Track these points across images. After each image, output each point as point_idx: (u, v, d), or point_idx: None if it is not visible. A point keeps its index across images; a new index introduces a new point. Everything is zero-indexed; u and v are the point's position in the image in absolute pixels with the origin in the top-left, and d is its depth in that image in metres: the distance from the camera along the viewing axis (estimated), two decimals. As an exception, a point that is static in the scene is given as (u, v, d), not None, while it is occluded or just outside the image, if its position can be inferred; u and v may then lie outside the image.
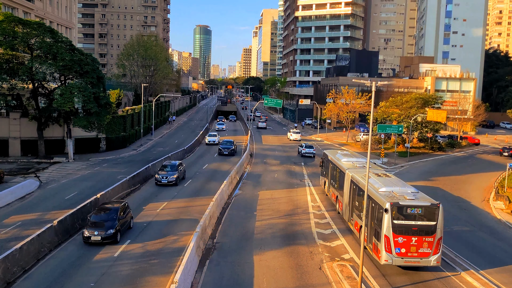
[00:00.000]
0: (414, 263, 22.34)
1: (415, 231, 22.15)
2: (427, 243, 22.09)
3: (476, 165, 59.23)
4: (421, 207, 22.56)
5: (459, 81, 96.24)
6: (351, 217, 28.69)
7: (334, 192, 34.59)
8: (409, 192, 24.06)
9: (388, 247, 22.13)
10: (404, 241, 22.07)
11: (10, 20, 45.56)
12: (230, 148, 58.04)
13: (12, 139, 51.11)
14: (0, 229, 26.73)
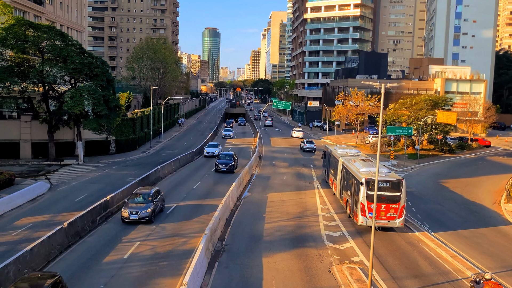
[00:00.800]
0: (383, 224, 29.12)
1: (384, 199, 28.67)
2: (393, 209, 28.83)
3: (487, 167, 58.72)
4: (389, 181, 29.07)
5: (469, 83, 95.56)
6: (341, 195, 35.20)
7: (331, 177, 40.38)
8: (382, 172, 29.82)
9: (363, 212, 28.86)
10: (378, 206, 28.07)
11: (21, 24, 46.04)
12: (229, 163, 47.77)
13: (23, 141, 51.57)
14: (11, 231, 26.96)
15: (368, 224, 28.75)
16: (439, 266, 24.14)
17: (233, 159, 48.98)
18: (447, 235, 29.66)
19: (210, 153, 58.42)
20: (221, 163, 47.72)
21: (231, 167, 47.67)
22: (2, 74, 45.21)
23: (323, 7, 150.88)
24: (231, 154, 50.23)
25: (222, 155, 49.85)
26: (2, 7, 45.17)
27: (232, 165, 47.93)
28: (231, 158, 48.89)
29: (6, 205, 31.46)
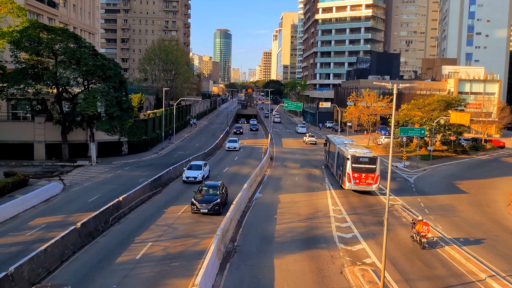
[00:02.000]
0: (363, 188, 39.54)
1: (364, 170, 39.24)
2: (370, 177, 39.17)
3: (501, 168, 58.01)
4: (368, 157, 39.62)
5: (483, 83, 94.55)
6: (336, 172, 45.63)
7: (330, 160, 50.75)
8: (364, 151, 40.68)
9: (349, 179, 39.50)
10: (358, 175, 39.24)
11: (35, 27, 46.61)
12: (212, 200, 31.77)
13: (37, 143, 52.17)
14: (26, 231, 27.28)
15: (352, 189, 39.90)
16: (453, 268, 23.90)
17: (219, 193, 32.77)
18: (460, 237, 29.33)
19: (190, 178, 42.38)
20: (201, 201, 31.63)
21: (216, 207, 31.43)
22: (16, 76, 45.83)
23: (334, 8, 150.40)
24: (217, 186, 33.70)
25: (205, 187, 33.52)
26: (16, 10, 45.71)
27: (217, 204, 31.48)
28: (215, 191, 32.90)
29: (21, 206, 31.85)
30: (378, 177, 39.28)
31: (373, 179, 39.13)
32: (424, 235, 26.56)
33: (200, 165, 44.99)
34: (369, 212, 34.45)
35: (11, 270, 18.36)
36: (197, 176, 42.82)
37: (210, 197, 32.29)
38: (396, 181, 47.25)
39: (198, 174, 43.07)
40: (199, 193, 32.87)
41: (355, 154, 39.52)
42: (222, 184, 35.13)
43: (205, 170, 44.87)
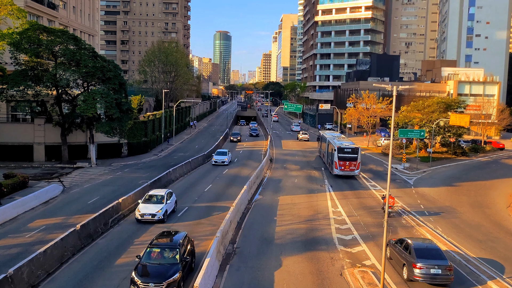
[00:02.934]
0: (347, 173, 47.89)
1: (348, 158, 47.61)
2: (353, 164, 47.67)
3: (500, 170, 58.01)
4: (351, 148, 48.26)
5: (483, 85, 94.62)
6: (327, 161, 53.94)
7: (322, 151, 60.22)
8: (348, 143, 50.00)
9: (336, 166, 47.91)
10: (343, 163, 47.62)
11: (35, 28, 46.65)
12: (166, 274, 19.30)
13: (37, 144, 52.16)
14: (25, 233, 27.25)
15: (339, 174, 48.18)
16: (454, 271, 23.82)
17: (179, 259, 20.31)
18: (460, 239, 29.34)
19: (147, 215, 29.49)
20: (145, 277, 19.17)
21: None
22: (16, 78, 45.85)
23: (334, 10, 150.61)
24: (176, 245, 21.02)
25: (155, 248, 20.89)
26: (16, 12, 45.77)
27: (174, 283, 19.19)
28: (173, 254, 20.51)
29: (20, 208, 31.84)
30: (359, 164, 48.49)
31: (355, 166, 48.04)
32: (390, 206, 33.34)
33: (159, 196, 30.75)
34: (369, 214, 34.43)
35: (11, 272, 18.34)
36: (155, 212, 29.19)
37: (162, 269, 19.57)
38: (396, 183, 47.24)
39: (157, 210, 29.29)
40: (145, 258, 20.24)
41: (341, 146, 48.41)
42: (186, 239, 22.24)
43: (168, 203, 30.77)
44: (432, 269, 21.06)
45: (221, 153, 56.57)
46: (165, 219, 30.19)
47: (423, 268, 21.11)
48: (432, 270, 21.06)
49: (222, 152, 56.85)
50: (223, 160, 54.65)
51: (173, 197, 32.88)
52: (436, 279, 21.18)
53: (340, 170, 47.67)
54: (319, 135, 65.81)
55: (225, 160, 54.75)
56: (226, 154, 55.84)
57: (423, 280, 21.24)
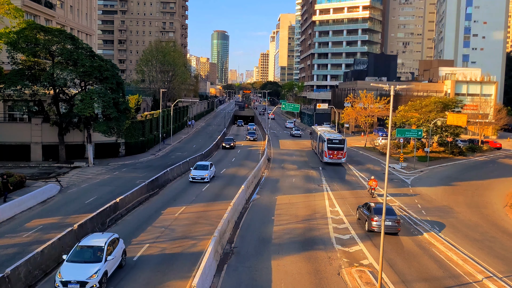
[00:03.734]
0: (335, 161, 55.90)
1: (335, 148, 55.67)
2: (340, 153, 55.71)
3: (498, 170, 58.16)
4: (338, 139, 56.31)
5: (480, 85, 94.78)
6: (318, 151, 62.33)
7: (314, 143, 69.20)
8: (336, 135, 58.16)
9: (326, 155, 55.98)
10: (331, 152, 55.66)
11: (32, 28, 46.52)
12: None
13: (34, 144, 52.04)
14: (22, 233, 27.19)
15: (328, 161, 56.37)
16: (450, 270, 23.94)
17: None
18: (457, 238, 29.41)
19: None
20: None
21: None
22: (13, 77, 45.73)
23: (331, 9, 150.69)
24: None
25: None
26: (13, 11, 45.65)
27: None
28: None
29: (17, 207, 31.76)
30: (345, 153, 56.77)
31: (342, 155, 56.32)
32: (373, 187, 39.99)
33: (95, 251, 20.50)
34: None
35: (8, 272, 18.30)
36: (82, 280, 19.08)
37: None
38: (393, 183, 47.31)
39: (89, 276, 19.21)
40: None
41: (330, 138, 56.49)
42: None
43: (110, 261, 20.51)
44: (385, 221, 24.01)
45: (201, 166, 45.78)
46: None
47: (378, 221, 28.33)
48: (385, 222, 23.75)
49: (202, 165, 46.03)
50: (203, 176, 43.84)
51: (120, 245, 22.09)
52: (388, 229, 27.89)
53: (329, 158, 56.35)
54: (311, 130, 76.40)
55: (205, 176, 43.91)
56: (207, 169, 45.16)
57: (378, 230, 28.14)
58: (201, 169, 44.95)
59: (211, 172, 45.71)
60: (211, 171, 45.54)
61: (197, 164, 46.46)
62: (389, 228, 28.20)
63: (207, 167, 45.40)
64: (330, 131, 65.04)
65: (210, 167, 45.83)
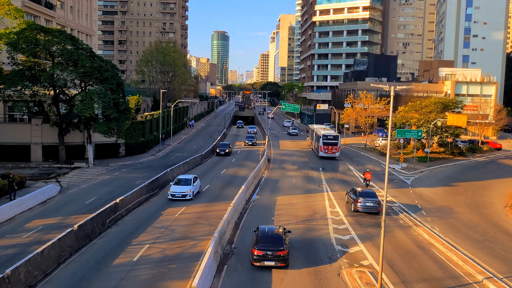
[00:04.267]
0: (330, 155, 61.02)
1: (330, 143, 60.66)
2: (334, 148, 60.80)
3: (498, 170, 58.15)
4: (332, 135, 61.29)
5: (480, 85, 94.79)
6: (314, 147, 67.67)
7: (310, 140, 74.23)
8: (330, 132, 63.61)
9: (321, 150, 61.12)
10: (326, 147, 60.73)
11: (33, 28, 46.55)
12: None
13: (34, 144, 52.05)
14: (22, 233, 27.19)
15: (323, 155, 61.51)
16: (450, 270, 23.92)
17: None
18: (457, 239, 29.40)
19: None
20: None
21: None
22: (13, 77, 45.76)
23: (332, 10, 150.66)
24: None
25: None
26: (14, 12, 45.67)
27: None
28: None
29: (17, 208, 31.78)
30: (339, 148, 62.09)
31: (336, 149, 61.58)
32: (368, 179, 44.43)
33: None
34: (366, 214, 34.45)
35: (8, 273, 18.30)
36: None
37: None
38: (394, 183, 47.31)
39: None
40: None
41: (325, 134, 61.87)
42: None
43: None
44: (367, 203, 33.88)
45: (183, 181, 38.05)
46: None
47: (362, 202, 34.02)
48: (367, 203, 33.95)
49: (184, 180, 38.24)
50: (184, 193, 36.42)
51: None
52: (370, 209, 34.00)
53: (325, 153, 61.45)
54: (307, 128, 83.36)
55: (187, 192, 36.45)
56: (189, 183, 37.49)
57: (362, 210, 34.18)
58: (182, 184, 37.38)
59: (195, 188, 38.24)
60: (194, 186, 37.95)
61: (178, 178, 38.95)
62: (370, 209, 34.16)
63: (189, 182, 37.70)
64: (325, 128, 70.55)
65: (194, 181, 38.35)
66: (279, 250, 22.47)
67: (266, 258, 22.37)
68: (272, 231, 23.95)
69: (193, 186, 37.75)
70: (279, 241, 22.93)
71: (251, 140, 78.54)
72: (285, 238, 23.45)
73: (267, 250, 22.32)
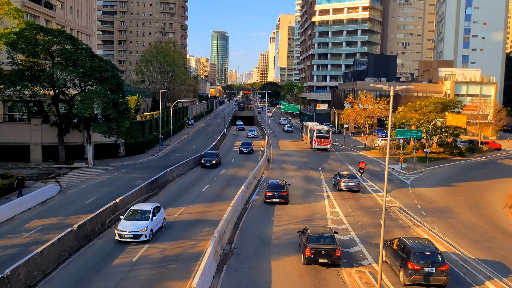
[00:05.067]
0: (322, 147, 70.00)
1: (322, 137, 69.89)
2: (326, 141, 69.95)
3: (497, 170, 58.15)
4: (325, 130, 71.47)
5: (480, 85, 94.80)
6: (307, 140, 75.80)
7: (305, 135, 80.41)
8: (323, 127, 73.86)
9: (315, 142, 70.30)
10: (319, 140, 69.83)
11: (32, 28, 46.50)
12: None
13: (34, 144, 52.01)
14: (22, 233, 27.17)
15: (316, 147, 70.09)
16: (452, 273, 23.87)
17: None
18: (457, 239, 29.40)
19: None
20: None
21: None
22: (13, 78, 45.72)
23: (331, 10, 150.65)
24: None
25: None
26: (13, 12, 45.63)
27: None
28: None
29: (17, 208, 31.76)
30: (330, 141, 71.03)
31: (328, 142, 70.03)
32: (362, 168, 49.71)
33: None
34: (366, 214, 34.47)
35: (7, 273, 18.29)
36: None
37: None
38: (393, 183, 47.31)
39: None
40: None
41: (318, 129, 71.60)
42: None
43: None
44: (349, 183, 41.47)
45: (137, 214, 27.17)
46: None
47: (345, 182, 41.55)
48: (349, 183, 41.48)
49: (140, 211, 27.43)
50: (137, 233, 25.75)
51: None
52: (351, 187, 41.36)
53: (318, 145, 70.01)
54: (302, 125, 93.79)
55: (142, 232, 25.81)
56: (146, 218, 26.76)
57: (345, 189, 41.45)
58: (137, 219, 26.56)
59: (155, 223, 27.23)
60: (154, 221, 26.96)
61: (132, 209, 27.92)
62: (351, 187, 41.20)
63: (147, 215, 26.79)
64: (319, 125, 78.43)
65: (155, 213, 27.44)
66: (282, 192, 36.03)
67: (274, 196, 35.95)
68: (278, 182, 37.48)
69: (152, 222, 26.67)
70: (282, 188, 36.47)
71: (247, 147, 66.31)
72: (286, 186, 36.99)
73: (274, 192, 35.92)
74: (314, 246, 22.92)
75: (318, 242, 23.25)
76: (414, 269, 20.85)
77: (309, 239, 23.51)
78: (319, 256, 22.76)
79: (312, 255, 22.90)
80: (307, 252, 22.91)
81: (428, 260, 20.99)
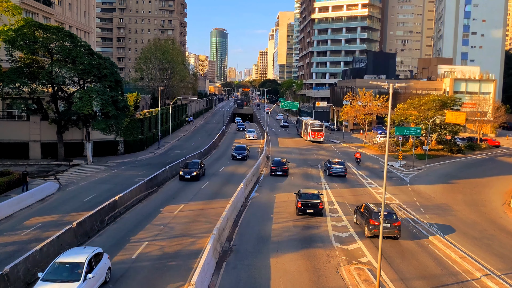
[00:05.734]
0: (315, 139, 77.71)
1: (316, 130, 77.94)
2: (320, 134, 77.95)
3: (496, 168, 58.23)
4: (318, 124, 79.45)
5: (479, 83, 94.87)
6: (303, 134, 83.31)
7: (300, 129, 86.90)
8: (317, 121, 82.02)
9: (309, 135, 78.17)
10: (313, 133, 77.79)
11: (31, 25, 46.40)
12: None
13: (33, 142, 51.97)
14: (21, 231, 27.18)
15: (310, 140, 77.35)
16: (448, 267, 23.99)
17: None
18: (456, 236, 29.47)
19: None
20: None
21: None
22: (12, 75, 45.64)
23: (330, 7, 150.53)
24: None
25: None
26: (12, 9, 45.51)
27: None
28: None
29: (16, 205, 31.75)
30: (323, 134, 77.93)
31: (321, 135, 77.44)
32: (358, 158, 56.32)
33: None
34: (365, 211, 34.47)
35: (7, 270, 18.31)
36: None
37: None
38: (392, 180, 47.37)
39: None
40: None
41: (312, 123, 78.85)
42: None
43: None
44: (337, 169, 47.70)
45: (61, 270, 18.47)
46: None
47: (333, 168, 47.82)
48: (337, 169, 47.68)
49: (70, 265, 18.63)
50: None
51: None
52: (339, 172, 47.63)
53: (312, 137, 76.90)
54: (297, 119, 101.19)
55: None
56: (77, 276, 18.06)
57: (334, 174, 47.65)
58: (63, 278, 18.02)
59: (91, 284, 18.46)
60: (89, 280, 18.30)
61: (58, 261, 18.95)
62: (339, 172, 47.47)
63: (78, 271, 18.32)
64: (312, 120, 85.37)
65: (93, 265, 19.12)
66: (284, 167, 47.21)
67: (277, 170, 46.82)
68: (280, 160, 48.89)
69: (86, 282, 18.07)
70: (283, 164, 47.67)
71: (240, 152, 58.23)
72: (286, 163, 48.44)
73: (278, 167, 47.01)
74: (304, 201, 31.64)
75: (306, 198, 31.95)
76: (373, 224, 26.97)
77: (300, 196, 32.31)
78: (307, 207, 31.39)
79: (302, 207, 31.55)
80: (299, 205, 31.56)
81: (385, 218, 25.93)
